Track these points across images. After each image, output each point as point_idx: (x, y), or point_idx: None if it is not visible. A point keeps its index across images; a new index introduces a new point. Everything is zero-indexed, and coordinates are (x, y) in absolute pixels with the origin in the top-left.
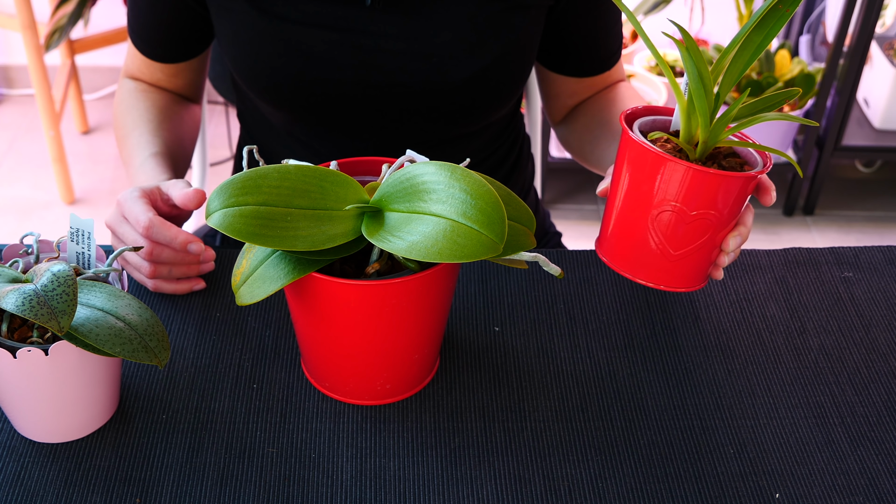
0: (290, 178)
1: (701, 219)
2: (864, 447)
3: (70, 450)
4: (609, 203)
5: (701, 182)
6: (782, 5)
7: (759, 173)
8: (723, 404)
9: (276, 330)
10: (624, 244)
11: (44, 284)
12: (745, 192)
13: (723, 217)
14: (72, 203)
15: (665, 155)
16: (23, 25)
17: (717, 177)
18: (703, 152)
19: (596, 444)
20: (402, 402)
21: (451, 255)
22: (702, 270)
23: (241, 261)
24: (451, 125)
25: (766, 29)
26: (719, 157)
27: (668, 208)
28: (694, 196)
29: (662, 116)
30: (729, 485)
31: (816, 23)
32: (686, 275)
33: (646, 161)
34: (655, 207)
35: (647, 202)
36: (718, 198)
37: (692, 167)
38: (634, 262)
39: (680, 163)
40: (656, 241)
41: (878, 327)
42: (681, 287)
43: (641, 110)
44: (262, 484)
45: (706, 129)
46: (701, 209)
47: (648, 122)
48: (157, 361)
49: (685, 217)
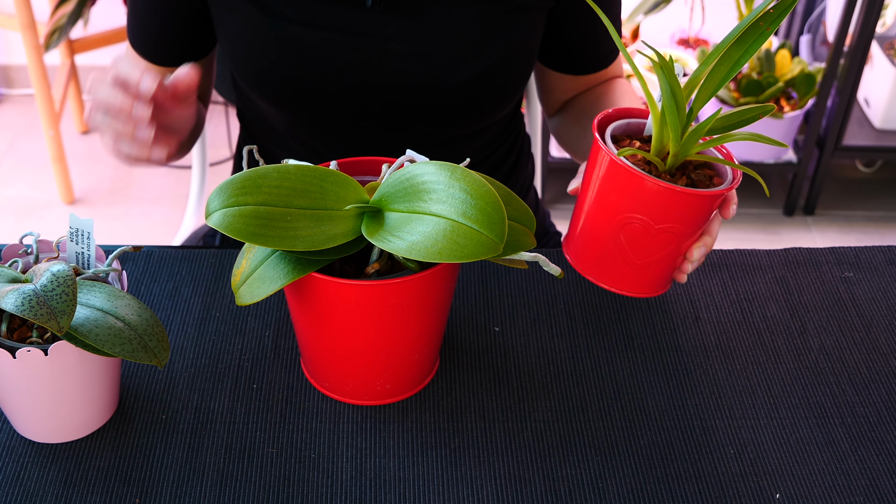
0: (290, 177)
1: (666, 232)
2: (864, 447)
3: (70, 450)
4: (578, 205)
5: (667, 198)
6: (763, 23)
7: (727, 190)
8: (723, 404)
9: (276, 330)
10: (589, 248)
11: (43, 284)
12: (711, 208)
13: (688, 230)
14: (71, 203)
15: (633, 170)
16: (22, 25)
17: (684, 195)
18: (672, 165)
19: (596, 445)
20: (401, 402)
21: (451, 255)
22: (665, 278)
23: (240, 261)
24: (452, 126)
25: (745, 45)
26: (689, 168)
27: (633, 220)
28: (660, 211)
29: (637, 119)
30: (729, 485)
31: (817, 22)
32: (649, 282)
33: (614, 173)
34: (621, 217)
35: (614, 211)
36: (684, 213)
37: (659, 184)
38: (598, 266)
39: (647, 178)
40: (621, 249)
41: (879, 327)
42: (643, 293)
43: (615, 114)
44: (262, 484)
45: (677, 143)
46: (667, 223)
47: (622, 125)
48: (157, 361)
49: (650, 229)
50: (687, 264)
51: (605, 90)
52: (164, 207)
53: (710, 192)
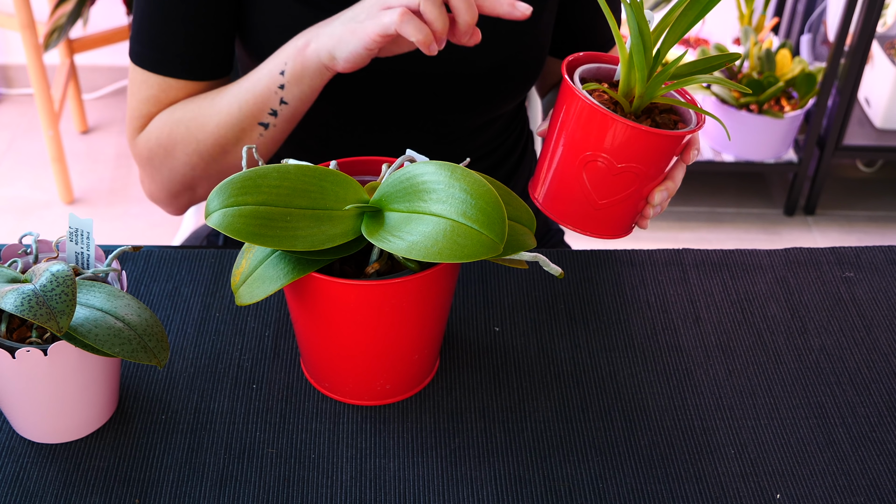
0: (290, 177)
1: (627, 171)
2: (865, 448)
3: (69, 450)
4: (545, 146)
5: (629, 137)
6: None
7: (690, 132)
8: (723, 404)
9: (276, 330)
10: (553, 188)
11: (43, 284)
12: (674, 150)
13: (650, 172)
14: (71, 203)
15: (597, 106)
16: (22, 25)
17: (645, 133)
18: (638, 106)
19: (596, 445)
20: (401, 402)
21: (452, 255)
22: (627, 220)
23: (240, 261)
24: (466, 115)
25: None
26: (655, 112)
27: (596, 159)
28: (622, 150)
29: (607, 65)
30: (730, 485)
31: (817, 22)
32: (611, 223)
33: (579, 110)
34: (585, 156)
35: (578, 151)
36: (646, 153)
37: (621, 121)
38: (562, 206)
39: (612, 116)
40: (584, 189)
41: (880, 327)
42: (605, 235)
43: (584, 57)
44: (262, 484)
45: (643, 84)
46: (628, 162)
47: (592, 69)
48: (157, 362)
49: (612, 168)
50: (648, 208)
51: None
52: None
53: (673, 133)
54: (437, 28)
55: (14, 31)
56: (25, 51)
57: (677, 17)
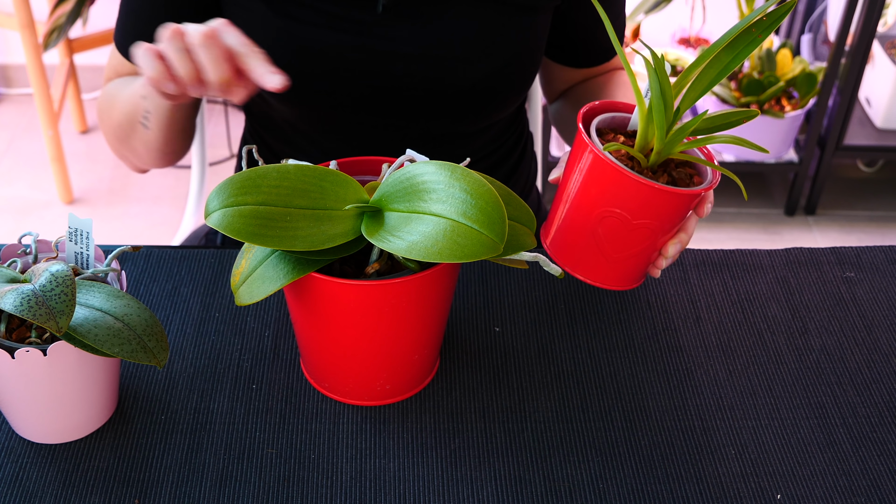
0: (290, 177)
1: (644, 227)
2: (866, 448)
3: (68, 451)
4: (558, 194)
5: (647, 195)
6: (755, 30)
7: (705, 190)
8: (724, 405)
9: (276, 330)
10: (566, 238)
11: (42, 284)
12: (689, 206)
13: (665, 226)
14: (70, 203)
15: (616, 165)
16: (21, 24)
17: (664, 193)
18: (655, 162)
19: (597, 445)
20: (401, 402)
21: (452, 255)
22: (639, 272)
23: (240, 261)
24: (460, 123)
25: (735, 50)
26: (671, 165)
27: (612, 213)
28: (638, 207)
29: (622, 113)
30: (730, 485)
31: (818, 21)
32: (623, 276)
33: (597, 166)
34: (601, 211)
35: (594, 204)
36: (662, 211)
37: (639, 180)
38: (574, 257)
39: (629, 175)
40: (597, 242)
41: (880, 328)
42: (616, 286)
43: (600, 106)
44: (262, 485)
45: (661, 140)
46: (645, 219)
47: (608, 118)
48: (156, 362)
49: (628, 224)
50: (661, 260)
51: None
52: (163, 207)
53: (690, 192)
54: (178, 73)
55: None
56: (25, 50)
57: (698, 75)
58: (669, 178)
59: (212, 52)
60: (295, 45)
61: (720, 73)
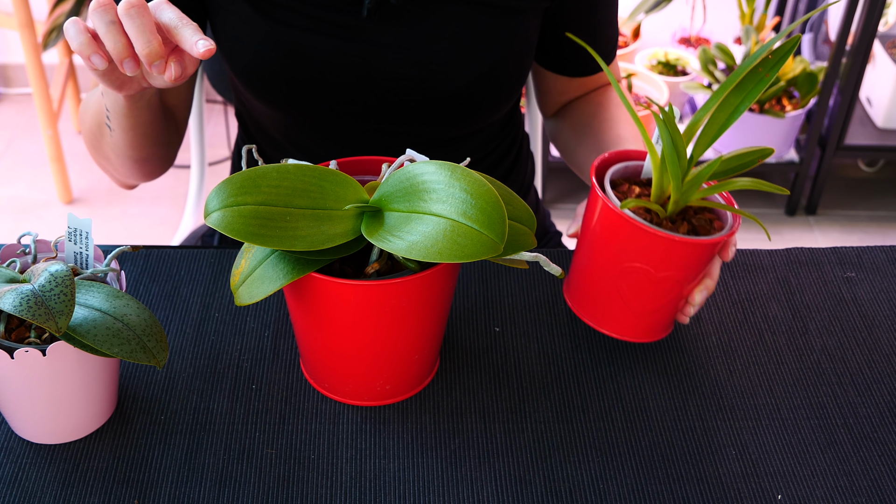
0: (290, 177)
1: (668, 279)
2: (866, 448)
3: (68, 451)
4: (578, 251)
5: (669, 248)
6: (762, 69)
7: (727, 237)
8: (724, 405)
9: (276, 330)
10: (589, 294)
11: (41, 284)
12: (713, 254)
13: (689, 276)
14: (69, 203)
15: (635, 221)
16: (20, 24)
17: (685, 244)
18: (673, 211)
19: (597, 445)
20: (401, 402)
21: (452, 255)
22: (666, 322)
23: (239, 261)
24: (449, 127)
25: (744, 92)
26: (690, 212)
27: (635, 268)
28: (662, 260)
29: (634, 161)
30: (731, 486)
31: (819, 21)
32: (651, 328)
33: (615, 223)
34: (623, 266)
35: (615, 260)
36: (685, 261)
37: (661, 234)
38: (599, 312)
39: (649, 230)
40: (622, 296)
41: (881, 328)
42: (645, 339)
43: (612, 157)
44: (261, 485)
45: (678, 190)
46: (669, 271)
47: (621, 169)
48: (156, 362)
49: (652, 277)
50: (689, 307)
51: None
52: (162, 207)
53: (712, 240)
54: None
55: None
56: (24, 50)
57: (709, 120)
58: (690, 227)
59: (139, 21)
60: (281, 49)
61: (731, 115)
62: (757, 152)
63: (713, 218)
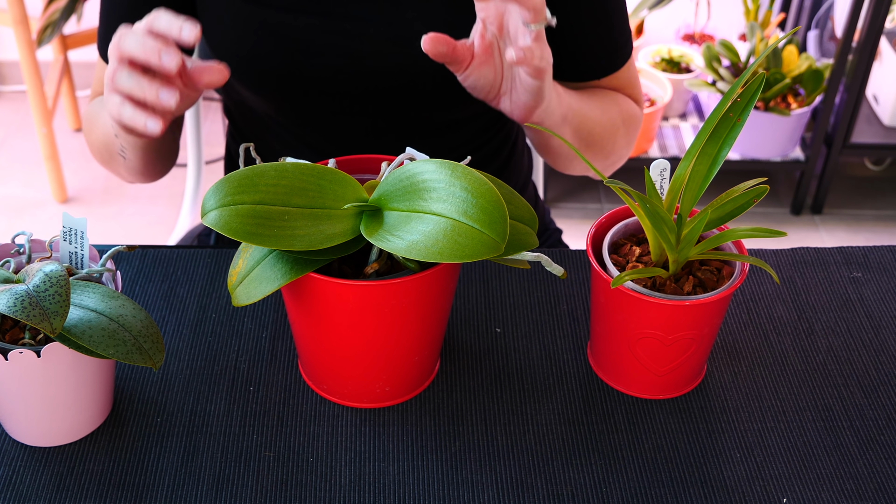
0: (288, 176)
1: (682, 339)
2: (873, 451)
3: (63, 454)
4: (593, 318)
5: (674, 312)
6: (732, 114)
7: (734, 288)
8: (729, 407)
9: (273, 331)
10: (609, 361)
11: (36, 285)
12: (723, 308)
13: (703, 332)
14: (64, 202)
15: (633, 292)
16: (14, 20)
17: (691, 306)
18: (675, 270)
19: (599, 448)
20: (401, 404)
21: (452, 255)
22: (692, 374)
23: (237, 260)
24: (435, 110)
25: (719, 139)
26: (695, 265)
27: (646, 335)
28: (670, 324)
29: (633, 218)
30: (735, 489)
31: (825, 18)
32: (675, 384)
33: (618, 298)
34: (634, 335)
35: (625, 329)
36: (696, 320)
37: (665, 302)
38: (622, 376)
39: (652, 300)
40: (639, 360)
41: (888, 329)
42: (674, 394)
43: (608, 221)
44: (259, 489)
45: (674, 251)
46: (680, 332)
47: (620, 228)
48: (152, 363)
49: (665, 341)
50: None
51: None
52: (159, 206)
53: (718, 297)
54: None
55: (7, 26)
56: (18, 47)
57: (690, 173)
58: (696, 280)
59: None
60: (265, 30)
61: (711, 165)
62: (751, 193)
63: (720, 265)
